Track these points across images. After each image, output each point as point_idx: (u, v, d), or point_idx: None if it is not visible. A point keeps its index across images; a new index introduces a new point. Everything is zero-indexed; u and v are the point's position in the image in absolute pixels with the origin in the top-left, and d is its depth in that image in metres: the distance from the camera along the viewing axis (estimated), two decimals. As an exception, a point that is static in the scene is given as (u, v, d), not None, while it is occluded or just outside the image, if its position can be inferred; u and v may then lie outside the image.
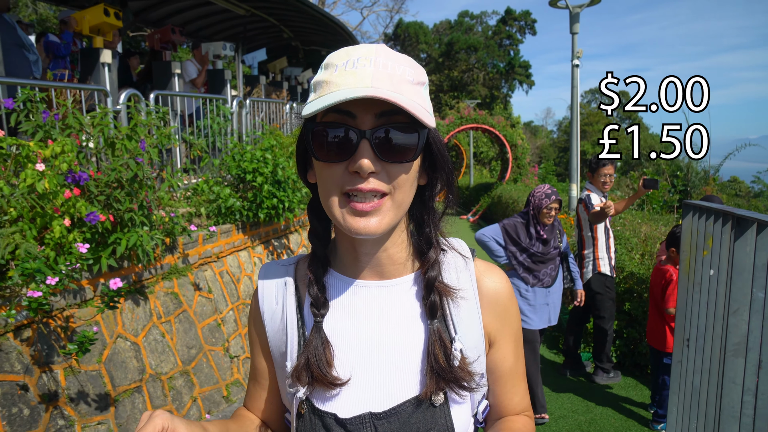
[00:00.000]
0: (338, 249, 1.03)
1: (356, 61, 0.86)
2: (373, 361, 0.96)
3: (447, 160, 0.98)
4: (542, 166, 26.64)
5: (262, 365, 1.09)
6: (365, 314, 0.98)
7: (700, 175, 13.21)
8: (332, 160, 0.87)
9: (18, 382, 2.86)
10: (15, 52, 4.79)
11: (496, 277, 1.06)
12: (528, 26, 39.46)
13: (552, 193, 4.04)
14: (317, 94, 0.88)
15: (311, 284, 0.99)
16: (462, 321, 0.99)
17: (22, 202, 2.75)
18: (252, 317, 1.09)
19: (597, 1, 7.65)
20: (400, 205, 0.90)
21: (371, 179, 0.86)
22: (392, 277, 1.00)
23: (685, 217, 2.74)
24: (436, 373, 0.93)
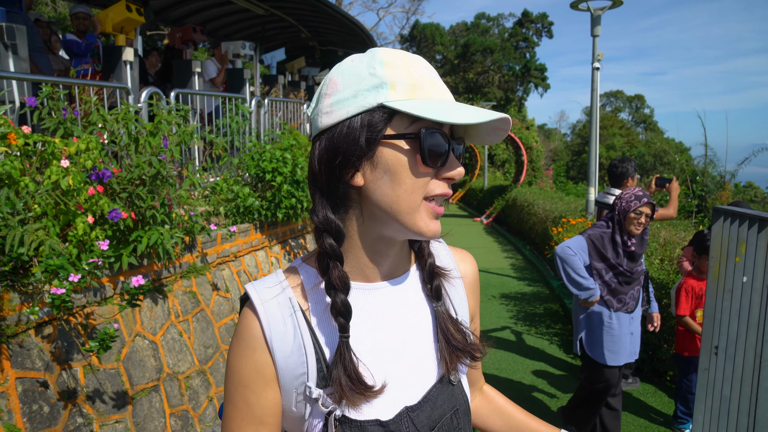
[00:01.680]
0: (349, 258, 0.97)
1: (422, 69, 0.91)
2: (397, 359, 0.97)
3: None
4: (553, 167, 26.44)
5: (269, 401, 0.95)
6: (379, 316, 0.98)
7: (716, 180, 13.03)
8: (435, 165, 0.89)
9: (38, 379, 2.87)
10: (39, 56, 4.83)
11: (468, 258, 1.17)
12: (545, 29, 39.24)
13: (643, 195, 3.44)
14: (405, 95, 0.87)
15: (337, 293, 0.91)
16: (457, 301, 1.08)
17: (46, 198, 2.76)
18: (249, 348, 0.93)
19: (619, 3, 7.57)
20: None
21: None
22: (399, 275, 1.02)
23: (714, 222, 2.67)
24: (453, 348, 0.99)
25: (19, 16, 4.29)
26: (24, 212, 2.75)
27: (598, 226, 3.61)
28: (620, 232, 3.48)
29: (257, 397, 0.94)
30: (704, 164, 14.52)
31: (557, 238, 7.89)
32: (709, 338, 2.59)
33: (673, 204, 4.89)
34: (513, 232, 14.40)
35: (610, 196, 4.89)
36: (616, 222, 3.50)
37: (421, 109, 0.85)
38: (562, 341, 6.30)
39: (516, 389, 5.00)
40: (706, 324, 2.64)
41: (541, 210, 11.03)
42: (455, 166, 0.91)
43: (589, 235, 3.56)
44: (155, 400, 3.57)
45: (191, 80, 6.44)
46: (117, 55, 5.07)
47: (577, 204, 10.19)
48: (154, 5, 7.98)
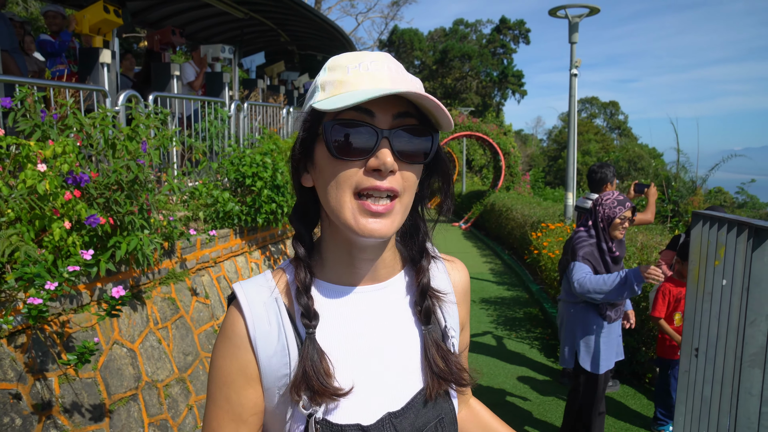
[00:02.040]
0: (328, 256, 0.98)
1: (369, 63, 0.88)
2: (379, 364, 0.96)
3: (448, 167, 0.99)
4: (531, 173, 26.75)
5: (250, 400, 0.94)
6: (362, 319, 0.97)
7: (688, 185, 13.31)
8: (350, 157, 0.86)
9: (11, 390, 2.78)
10: (14, 55, 4.72)
11: (460, 267, 1.14)
12: (522, 35, 39.75)
13: (625, 199, 3.44)
14: (330, 93, 0.88)
15: (300, 294, 0.93)
16: (449, 317, 1.06)
17: (21, 203, 2.68)
18: (232, 346, 0.94)
19: (596, 11, 7.69)
20: (407, 208, 0.91)
21: (388, 178, 0.86)
22: (384, 280, 1.00)
23: (694, 226, 2.72)
24: (437, 376, 0.97)
25: (-8, 16, 4.17)
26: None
27: (581, 240, 3.51)
28: (605, 239, 3.45)
29: (238, 396, 0.94)
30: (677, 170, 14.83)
31: (537, 242, 7.96)
32: (689, 340, 2.63)
33: (650, 209, 4.97)
34: (491, 237, 14.50)
35: (589, 201, 4.95)
36: (600, 229, 3.46)
37: (327, 102, 0.85)
38: (542, 345, 6.34)
39: (498, 394, 5.01)
40: (686, 326, 2.68)
41: (520, 215, 11.13)
42: (379, 154, 0.85)
43: (583, 257, 3.44)
44: (133, 409, 3.49)
45: (170, 83, 6.35)
46: (94, 57, 4.97)
47: (555, 209, 10.31)
48: (131, 7, 7.86)
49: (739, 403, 2.05)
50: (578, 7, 7.79)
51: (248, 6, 8.89)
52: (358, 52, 0.92)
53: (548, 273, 7.32)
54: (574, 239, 3.56)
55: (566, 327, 3.70)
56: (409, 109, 0.88)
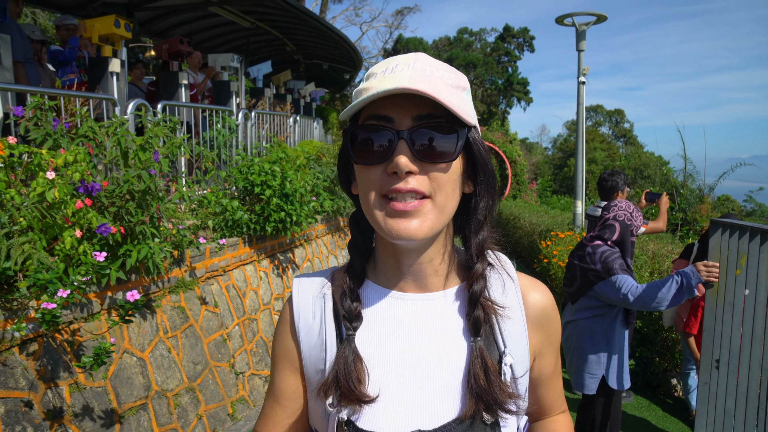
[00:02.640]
0: (379, 260, 0.99)
1: (395, 67, 0.87)
2: (416, 377, 0.92)
3: (488, 162, 0.94)
4: (539, 182, 26.71)
5: (289, 385, 1.01)
6: (406, 328, 0.94)
7: (695, 194, 13.22)
8: (370, 162, 0.86)
9: (23, 398, 2.76)
10: (28, 66, 4.73)
11: (540, 290, 1.04)
12: (526, 43, 39.83)
13: (635, 207, 3.36)
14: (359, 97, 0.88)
15: (344, 296, 0.95)
16: (510, 337, 0.97)
17: (32, 211, 2.67)
18: (282, 331, 1.02)
19: (603, 19, 7.68)
20: (443, 209, 0.87)
21: (410, 179, 0.84)
22: (435, 290, 0.97)
23: (712, 235, 2.68)
24: (476, 394, 0.89)
25: (5, 25, 4.19)
26: (9, 225, 2.65)
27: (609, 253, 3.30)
28: (631, 255, 3.32)
29: (279, 378, 1.01)
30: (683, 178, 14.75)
31: (546, 251, 7.91)
32: (709, 351, 2.58)
33: (662, 217, 4.93)
34: (499, 245, 14.40)
35: (598, 209, 4.92)
36: (629, 244, 3.30)
37: (346, 110, 0.87)
38: (552, 354, 6.27)
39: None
40: (706, 337, 2.63)
41: (527, 223, 11.08)
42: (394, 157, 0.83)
43: (621, 268, 3.24)
44: (143, 418, 3.45)
45: (178, 92, 6.37)
46: (103, 66, 4.98)
47: (564, 217, 10.25)
48: (139, 17, 7.90)
49: (767, 417, 2.00)
50: (585, 14, 7.79)
51: (255, 15, 8.93)
52: (392, 57, 0.91)
53: (558, 282, 7.26)
54: (599, 253, 3.33)
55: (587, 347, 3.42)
56: (432, 108, 0.85)
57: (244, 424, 4.25)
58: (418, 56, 0.89)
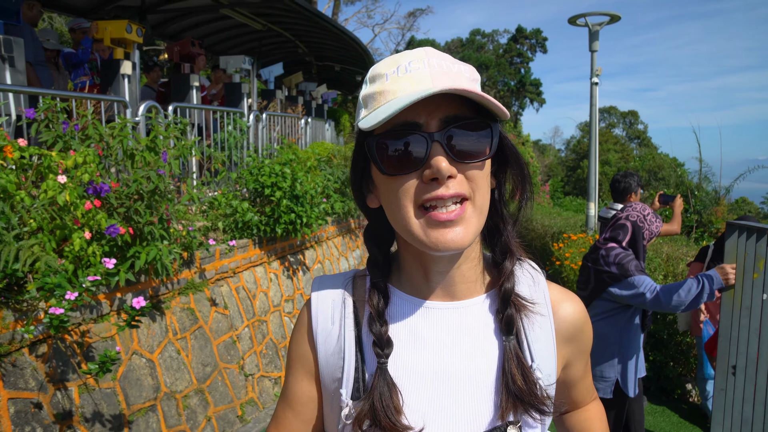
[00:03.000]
0: (404, 268, 0.93)
1: (408, 65, 0.81)
2: (447, 393, 0.87)
3: (519, 154, 0.91)
4: (550, 183, 26.53)
5: (303, 391, 0.97)
6: (436, 341, 0.89)
7: (711, 196, 13.02)
8: (404, 171, 0.80)
9: (32, 399, 2.76)
10: (40, 69, 4.78)
11: (572, 301, 0.99)
12: (539, 44, 39.63)
13: (657, 214, 3.27)
14: (372, 107, 0.82)
15: (372, 321, 0.88)
16: (538, 347, 0.92)
17: (42, 213, 2.68)
18: (299, 335, 0.97)
19: (617, 18, 7.59)
20: (482, 210, 0.83)
21: (450, 183, 0.79)
22: (464, 297, 0.91)
23: (728, 238, 2.62)
24: (513, 395, 0.85)
25: (17, 28, 4.23)
26: (19, 227, 2.66)
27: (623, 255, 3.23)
28: (644, 257, 3.26)
29: (293, 382, 0.98)
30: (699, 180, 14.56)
31: (558, 253, 7.83)
32: (725, 357, 2.52)
33: (677, 220, 4.84)
34: (510, 247, 14.31)
35: (612, 211, 4.84)
36: (641, 247, 3.23)
37: (368, 120, 0.80)
38: (564, 358, 6.20)
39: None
40: (722, 343, 2.57)
41: (540, 225, 10.99)
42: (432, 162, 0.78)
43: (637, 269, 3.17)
44: (152, 420, 3.45)
45: (189, 94, 6.39)
46: (115, 69, 5.02)
47: (576, 219, 10.15)
48: (151, 20, 7.96)
49: (783, 424, 1.94)
50: (599, 14, 7.70)
51: (266, 18, 8.96)
52: (395, 55, 0.85)
53: (571, 285, 7.18)
54: (614, 255, 3.25)
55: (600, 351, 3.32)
56: (459, 106, 0.80)
57: (253, 426, 4.23)
58: (428, 51, 0.84)
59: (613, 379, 3.26)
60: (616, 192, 4.86)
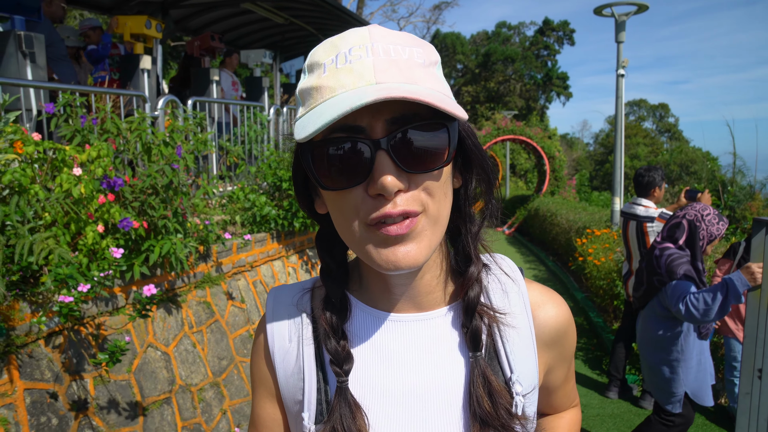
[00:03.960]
0: (364, 277, 0.85)
1: (348, 53, 0.68)
2: (412, 411, 0.80)
3: (484, 154, 0.80)
4: (576, 177, 26.11)
5: (267, 413, 0.91)
6: (400, 354, 0.81)
7: (745, 190, 12.61)
8: (344, 186, 0.69)
9: (48, 390, 2.81)
10: (62, 64, 4.85)
11: (554, 303, 0.89)
12: (566, 36, 38.94)
13: (722, 215, 3.11)
14: (307, 107, 0.71)
15: (328, 337, 0.80)
16: (517, 356, 0.83)
17: (56, 207, 2.71)
18: (257, 355, 0.90)
19: (644, 8, 7.38)
20: (437, 220, 0.73)
21: (398, 199, 0.68)
22: (431, 308, 0.83)
23: (755, 234, 2.50)
24: (480, 419, 0.77)
25: (39, 24, 4.29)
26: (34, 220, 2.69)
27: (676, 257, 3.10)
28: (701, 258, 3.10)
29: (257, 405, 0.92)
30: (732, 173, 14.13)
31: (581, 249, 7.67)
32: (751, 360, 2.41)
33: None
34: (535, 243, 14.16)
35: (636, 207, 4.71)
36: (699, 248, 3.08)
37: (299, 125, 0.69)
38: (587, 357, 6.08)
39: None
40: (748, 345, 2.46)
41: (564, 220, 10.81)
42: (376, 176, 0.66)
43: (685, 274, 3.05)
44: (167, 412, 3.48)
45: (209, 88, 6.43)
46: (135, 63, 5.07)
47: (602, 214, 9.95)
48: (174, 15, 8.03)
49: (810, 432, 1.84)
50: (625, 4, 7.49)
51: (289, 12, 8.96)
52: (336, 38, 0.72)
53: (593, 281, 7.03)
54: (666, 256, 3.12)
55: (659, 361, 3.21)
56: (409, 104, 0.67)
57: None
58: (373, 32, 0.71)
59: (681, 393, 3.09)
60: (639, 186, 4.74)
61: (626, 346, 4.96)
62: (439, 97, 0.65)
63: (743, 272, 2.67)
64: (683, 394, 3.07)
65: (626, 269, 4.91)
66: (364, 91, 0.64)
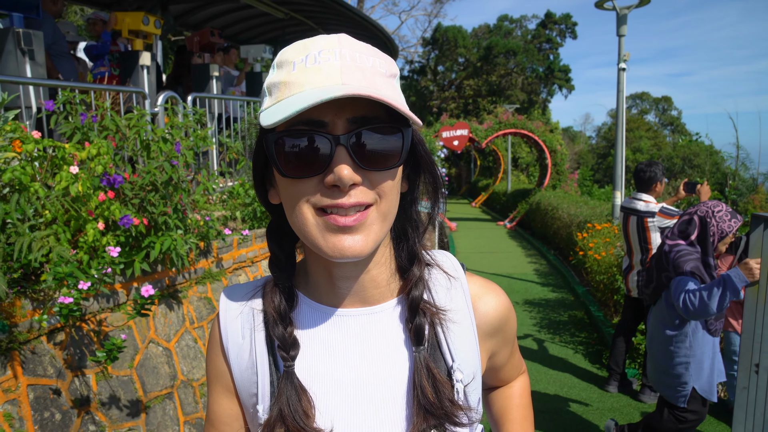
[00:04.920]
0: (311, 274, 0.89)
1: (317, 54, 0.75)
2: (359, 402, 0.84)
3: (432, 161, 0.86)
4: (579, 171, 26.05)
5: (223, 408, 0.94)
6: (347, 348, 0.86)
7: (748, 183, 12.56)
8: (302, 175, 0.75)
9: (51, 386, 2.83)
10: (64, 60, 4.86)
11: (493, 294, 0.96)
12: (569, 29, 38.76)
13: (735, 212, 3.10)
14: (275, 98, 0.76)
15: (275, 323, 0.85)
16: (458, 345, 0.88)
17: (56, 204, 2.72)
18: (212, 351, 0.95)
19: (646, 1, 7.34)
20: (386, 216, 0.79)
21: (352, 192, 0.74)
22: (376, 303, 0.87)
23: (754, 230, 2.51)
24: (424, 409, 0.82)
25: (37, 21, 4.30)
26: (35, 218, 2.71)
27: (684, 253, 3.11)
28: (713, 254, 3.11)
29: (213, 401, 0.95)
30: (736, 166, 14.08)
31: (582, 243, 7.68)
32: (748, 355, 2.42)
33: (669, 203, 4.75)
34: (537, 237, 14.17)
35: (636, 201, 4.71)
36: (710, 244, 3.09)
37: (266, 114, 0.74)
38: (587, 351, 6.11)
39: (538, 400, 4.84)
40: (745, 340, 2.47)
41: (566, 214, 10.80)
42: (334, 167, 0.73)
43: (691, 272, 3.06)
44: (169, 407, 3.51)
45: (209, 84, 6.43)
46: (134, 60, 5.07)
47: (603, 208, 9.95)
48: (174, 10, 8.03)
49: (804, 427, 1.85)
50: (627, -3, 7.46)
51: (289, 6, 8.95)
52: (308, 40, 0.79)
53: (594, 275, 7.04)
54: (675, 252, 3.14)
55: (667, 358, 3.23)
56: (369, 106, 0.74)
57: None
58: (342, 40, 0.77)
59: (689, 390, 3.10)
60: (640, 181, 4.74)
61: (626, 340, 4.98)
62: (396, 99, 0.72)
63: (741, 268, 2.67)
64: (691, 390, 3.09)
65: (626, 264, 4.92)
66: (330, 88, 0.70)
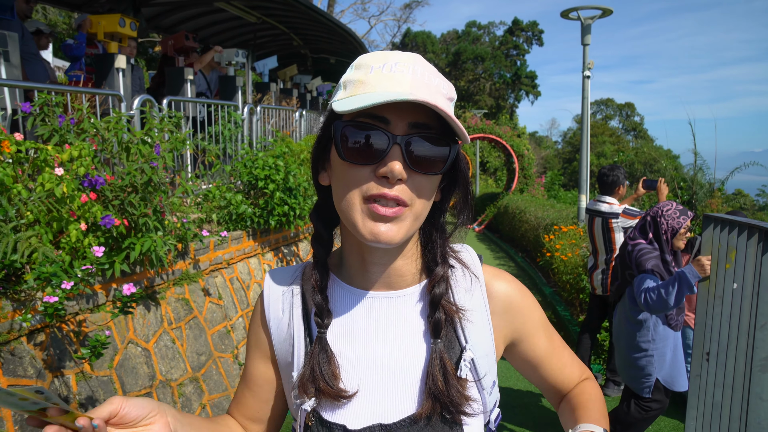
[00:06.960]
0: (345, 258, 1.01)
1: (394, 65, 0.85)
2: (380, 375, 0.96)
3: (468, 179, 0.98)
4: (548, 175, 26.60)
5: (259, 372, 1.07)
6: (372, 327, 0.98)
7: (705, 188, 13.10)
8: (360, 162, 0.85)
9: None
10: (33, 62, 4.82)
11: (503, 279, 1.05)
12: (535, 36, 39.58)
13: (684, 209, 3.30)
14: (350, 92, 0.87)
15: (315, 293, 0.97)
16: (472, 332, 0.98)
17: (39, 205, 2.75)
18: (255, 323, 1.07)
19: (609, 12, 7.66)
20: (418, 217, 0.89)
21: (396, 186, 0.84)
22: (399, 287, 0.99)
23: (705, 229, 2.71)
24: (433, 395, 0.92)
25: (11, 23, 4.27)
26: (17, 219, 2.73)
27: (645, 252, 3.31)
28: (669, 251, 3.31)
29: (251, 365, 1.08)
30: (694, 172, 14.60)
31: (549, 245, 7.92)
32: (700, 344, 2.62)
33: (628, 201, 4.97)
34: (505, 240, 14.45)
35: (601, 204, 4.94)
36: (664, 242, 3.30)
37: (341, 103, 0.84)
38: (554, 348, 6.30)
39: (509, 395, 5.01)
40: (698, 330, 2.67)
41: (533, 217, 11.09)
42: (388, 161, 0.83)
43: (651, 270, 3.25)
44: (147, 408, 3.54)
45: (183, 87, 6.44)
46: (109, 63, 5.06)
47: (569, 211, 10.26)
48: (146, 12, 7.98)
49: (749, 408, 2.04)
50: (591, 8, 7.77)
51: (261, 11, 8.98)
52: (387, 52, 0.90)
53: (561, 276, 7.29)
54: (636, 251, 3.36)
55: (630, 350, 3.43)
56: (428, 117, 0.85)
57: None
58: (416, 58, 0.89)
59: (653, 381, 3.30)
60: (604, 185, 4.97)
61: (591, 337, 5.19)
62: (453, 116, 0.83)
63: (694, 264, 2.89)
64: (654, 381, 3.29)
65: (592, 263, 5.14)
66: (401, 93, 0.81)
